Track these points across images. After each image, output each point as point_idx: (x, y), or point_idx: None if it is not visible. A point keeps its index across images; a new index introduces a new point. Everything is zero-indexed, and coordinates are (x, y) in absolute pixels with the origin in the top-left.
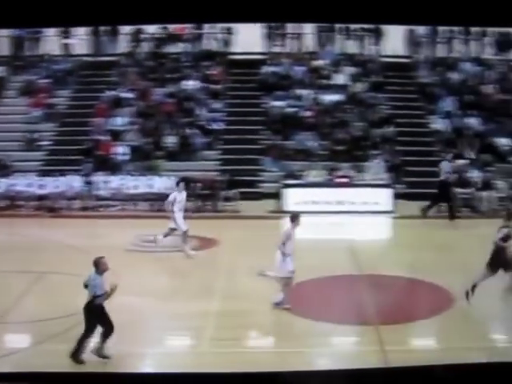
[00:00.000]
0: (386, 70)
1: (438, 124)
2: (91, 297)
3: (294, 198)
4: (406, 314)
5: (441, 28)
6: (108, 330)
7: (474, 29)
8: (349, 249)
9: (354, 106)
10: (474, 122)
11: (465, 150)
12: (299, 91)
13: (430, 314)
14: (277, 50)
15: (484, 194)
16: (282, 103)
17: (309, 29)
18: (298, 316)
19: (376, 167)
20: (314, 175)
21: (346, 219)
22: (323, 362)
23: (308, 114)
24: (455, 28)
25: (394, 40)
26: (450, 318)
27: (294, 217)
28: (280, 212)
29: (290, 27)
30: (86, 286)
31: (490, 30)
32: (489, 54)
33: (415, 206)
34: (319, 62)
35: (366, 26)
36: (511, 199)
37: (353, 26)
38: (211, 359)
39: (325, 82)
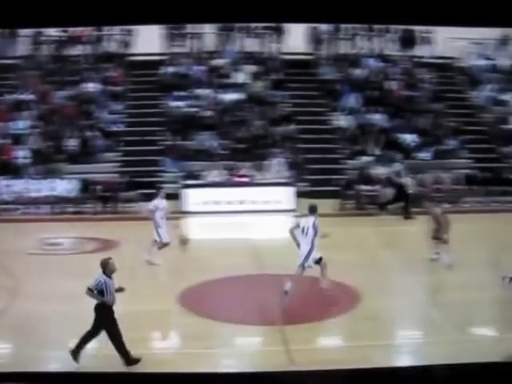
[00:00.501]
0: (287, 67)
1: (340, 121)
2: (101, 299)
3: (194, 198)
4: (311, 313)
5: (343, 25)
6: (116, 334)
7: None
8: (251, 248)
9: (254, 104)
10: (378, 118)
11: (369, 147)
12: (199, 91)
13: (335, 312)
14: (176, 50)
15: (389, 190)
16: (182, 103)
17: (209, 28)
18: (201, 317)
19: (277, 166)
20: (215, 175)
21: (248, 219)
22: (228, 362)
23: (208, 113)
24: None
25: (296, 37)
26: (356, 316)
27: (314, 207)
28: (180, 212)
29: (190, 27)
30: (91, 290)
31: (393, 26)
32: (392, 50)
33: (317, 204)
34: (219, 61)
35: (266, 23)
36: (418, 196)
37: (253, 24)
38: (115, 361)
39: (224, 81)
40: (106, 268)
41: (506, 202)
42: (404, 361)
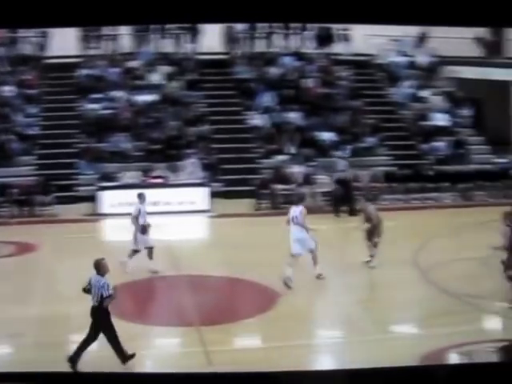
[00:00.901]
0: (203, 67)
1: (256, 120)
2: (97, 300)
3: (109, 200)
4: (228, 313)
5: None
6: (114, 335)
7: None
8: (167, 250)
9: (169, 105)
10: (294, 116)
11: (285, 146)
12: (114, 93)
13: (253, 313)
14: (92, 52)
15: (305, 189)
16: (97, 106)
17: (124, 30)
18: (119, 319)
19: (191, 166)
20: (129, 176)
21: (163, 220)
22: (147, 364)
23: (123, 115)
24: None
25: (211, 37)
26: (274, 316)
27: (302, 197)
28: (96, 215)
29: (106, 29)
30: (86, 291)
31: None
32: (309, 48)
33: (232, 204)
34: (134, 63)
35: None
36: (334, 195)
37: (168, 25)
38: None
39: (139, 82)
40: (100, 269)
41: (426, 199)
42: (324, 361)
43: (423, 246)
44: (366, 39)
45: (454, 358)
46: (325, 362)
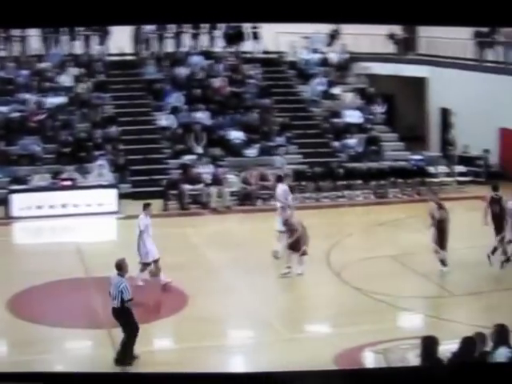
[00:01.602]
0: (112, 68)
1: (163, 120)
2: (120, 302)
3: (19, 203)
4: (139, 315)
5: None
6: (135, 333)
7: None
8: (76, 252)
9: (78, 107)
10: (201, 116)
11: (192, 146)
12: (23, 95)
13: (164, 314)
14: (0, 54)
15: (213, 189)
16: (6, 108)
17: (33, 31)
18: (30, 322)
19: (100, 168)
20: (39, 179)
21: (72, 222)
22: (59, 367)
23: (32, 117)
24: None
25: (120, 38)
26: (184, 317)
27: (281, 177)
28: (7, 218)
29: (14, 30)
30: (130, 299)
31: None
32: (218, 46)
33: (141, 205)
34: (44, 65)
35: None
36: (244, 194)
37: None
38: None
39: (49, 84)
40: (123, 269)
41: (338, 197)
42: (239, 361)
43: (335, 245)
44: (277, 37)
45: (369, 357)
46: (239, 363)
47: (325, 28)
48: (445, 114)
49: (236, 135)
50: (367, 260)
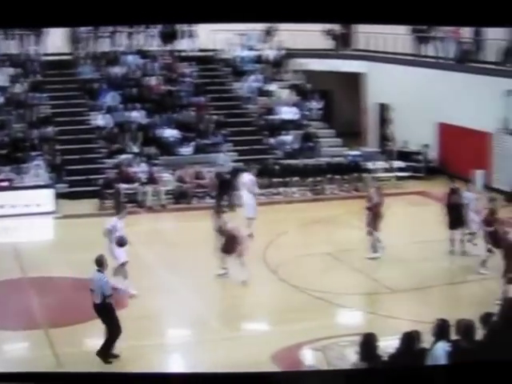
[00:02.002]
0: (48, 68)
1: (100, 120)
2: (101, 298)
3: None
4: (76, 314)
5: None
6: (118, 330)
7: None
8: (13, 252)
9: (14, 107)
10: (136, 115)
11: (128, 145)
12: None
13: None
14: None
15: (149, 188)
16: None
17: None
18: None
19: (36, 168)
20: None
21: (9, 223)
22: None
23: None
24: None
25: (55, 38)
26: (124, 316)
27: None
28: None
29: None
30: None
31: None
32: (153, 45)
33: (77, 205)
34: None
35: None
36: (179, 193)
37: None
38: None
39: None
40: (102, 264)
41: (274, 194)
42: (177, 360)
43: (272, 243)
44: (212, 34)
45: (308, 354)
46: (179, 362)
47: (260, 25)
48: (383, 109)
49: (171, 134)
50: (304, 257)
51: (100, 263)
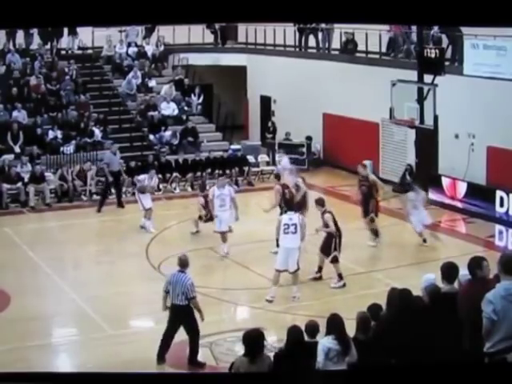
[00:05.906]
0: None
1: None
2: (185, 300)
3: None
4: None
5: None
6: (198, 333)
7: None
8: None
9: None
10: (19, 114)
11: (10, 145)
12: None
13: None
14: None
15: (31, 187)
16: None
17: None
18: None
19: None
20: None
21: None
22: None
23: None
24: None
25: None
26: (7, 318)
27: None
28: None
29: None
30: (167, 292)
31: None
32: (34, 44)
33: None
34: None
35: None
36: (61, 191)
37: None
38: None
39: None
40: (185, 265)
41: (155, 191)
42: (62, 359)
43: (154, 239)
44: (93, 32)
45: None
46: (65, 361)
47: None
48: (265, 101)
49: (53, 133)
50: (187, 253)
51: (183, 263)
